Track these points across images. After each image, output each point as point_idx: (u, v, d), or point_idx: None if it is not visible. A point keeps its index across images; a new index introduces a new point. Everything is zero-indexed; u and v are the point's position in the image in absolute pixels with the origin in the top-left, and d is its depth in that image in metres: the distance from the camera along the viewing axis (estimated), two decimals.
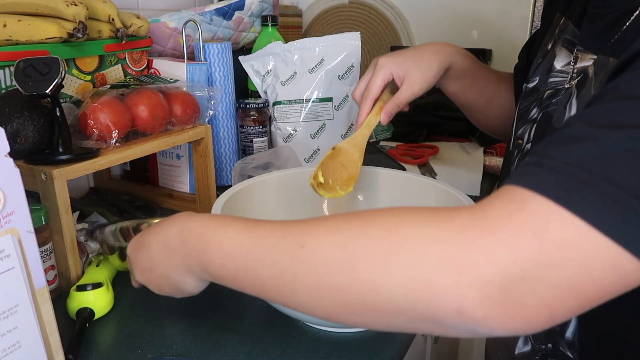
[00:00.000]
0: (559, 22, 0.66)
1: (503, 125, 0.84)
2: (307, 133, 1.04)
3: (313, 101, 1.03)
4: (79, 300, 0.63)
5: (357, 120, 0.70)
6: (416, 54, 0.72)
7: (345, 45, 1.03)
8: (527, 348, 0.64)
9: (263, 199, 0.74)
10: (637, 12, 0.50)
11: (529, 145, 0.61)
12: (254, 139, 1.04)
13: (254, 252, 0.41)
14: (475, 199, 0.97)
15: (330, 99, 1.03)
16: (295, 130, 1.04)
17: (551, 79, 0.60)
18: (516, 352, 0.64)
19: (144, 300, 0.68)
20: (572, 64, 0.58)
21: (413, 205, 0.71)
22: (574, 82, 0.56)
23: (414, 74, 0.70)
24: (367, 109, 0.70)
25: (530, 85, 0.64)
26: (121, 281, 0.70)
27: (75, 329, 0.59)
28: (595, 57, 0.54)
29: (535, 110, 0.62)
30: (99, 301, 0.63)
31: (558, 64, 0.60)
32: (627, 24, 0.51)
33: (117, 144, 0.73)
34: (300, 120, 1.04)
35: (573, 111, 0.53)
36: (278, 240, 0.40)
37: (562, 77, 0.58)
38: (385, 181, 0.77)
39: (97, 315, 0.63)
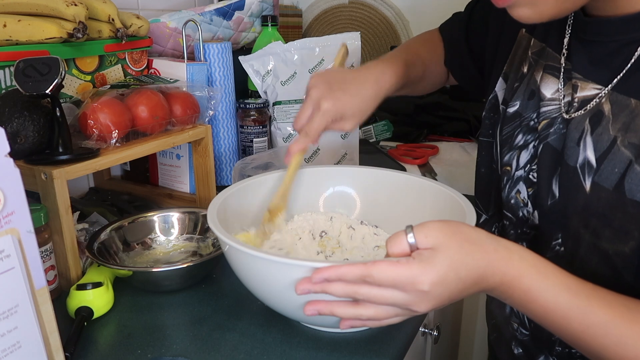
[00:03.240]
0: (527, 42, 0.64)
1: (431, 89, 0.89)
2: None
3: None
4: (78, 299, 0.63)
5: (291, 148, 0.70)
6: (356, 92, 0.70)
7: None
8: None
9: (258, 199, 0.73)
10: None
11: (519, 172, 0.61)
12: (254, 139, 1.04)
13: (575, 326, 0.46)
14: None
15: None
16: (295, 130, 1.04)
17: (543, 109, 0.58)
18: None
19: (144, 300, 0.68)
20: (561, 91, 0.57)
21: (408, 204, 0.72)
22: (575, 114, 0.54)
23: (350, 116, 0.69)
24: (304, 146, 0.70)
25: (511, 110, 0.63)
26: (121, 281, 0.70)
27: (73, 327, 0.59)
28: (599, 87, 0.53)
29: (521, 136, 0.61)
30: (98, 300, 0.63)
31: (547, 92, 0.59)
32: (636, 56, 0.50)
33: (117, 144, 0.73)
34: None
35: (589, 150, 0.52)
36: (612, 342, 0.45)
37: (555, 105, 0.57)
38: (382, 181, 0.77)
39: (96, 315, 0.63)
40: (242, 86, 1.12)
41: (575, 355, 0.59)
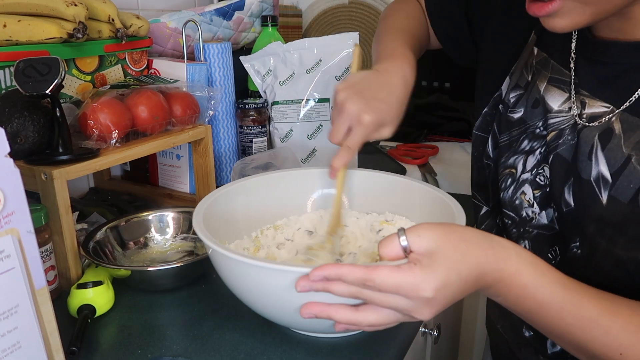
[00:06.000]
0: (532, 50, 0.66)
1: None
2: (303, 133, 1.04)
3: (310, 102, 1.03)
4: (80, 297, 0.63)
5: (335, 163, 0.69)
6: (390, 99, 0.68)
7: (344, 46, 1.03)
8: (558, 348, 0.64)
9: (249, 201, 0.73)
10: None
11: (525, 175, 0.63)
12: (254, 139, 1.04)
13: (567, 320, 0.47)
14: None
15: (327, 100, 1.03)
16: (291, 130, 1.04)
17: (551, 120, 0.60)
18: (549, 352, 0.65)
19: (144, 300, 0.68)
20: (571, 103, 0.59)
21: (397, 206, 0.72)
22: (583, 126, 0.56)
23: (389, 122, 0.68)
24: (347, 160, 0.68)
25: (515, 116, 0.65)
26: (120, 281, 0.70)
27: (78, 324, 0.59)
28: (606, 105, 0.55)
29: (527, 142, 0.63)
30: (99, 299, 0.64)
31: (553, 104, 0.60)
32: None
33: (117, 144, 0.73)
34: (297, 120, 1.04)
35: (602, 165, 0.54)
36: (600, 333, 0.47)
37: (562, 117, 0.59)
38: (371, 183, 0.76)
39: (98, 313, 0.63)
40: (242, 86, 1.12)
41: None
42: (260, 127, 1.04)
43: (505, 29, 0.71)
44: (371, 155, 1.18)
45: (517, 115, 0.65)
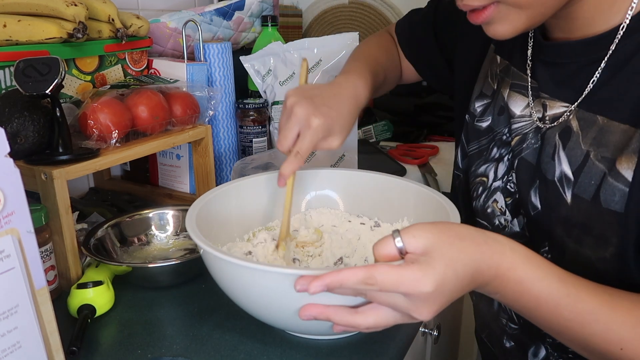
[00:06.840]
0: (494, 59, 0.67)
1: (387, 91, 0.87)
2: None
3: None
4: (80, 297, 0.63)
5: (283, 171, 0.66)
6: (340, 108, 0.67)
7: (344, 46, 1.03)
8: (542, 354, 0.64)
9: (243, 202, 0.73)
10: (604, 63, 0.52)
11: (497, 183, 0.63)
12: (254, 139, 1.04)
13: (566, 315, 0.47)
14: None
15: None
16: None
17: (515, 125, 0.61)
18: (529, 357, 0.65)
19: (144, 300, 0.68)
20: (532, 107, 0.60)
21: (391, 206, 0.72)
22: (546, 128, 0.57)
23: (338, 132, 0.66)
24: (297, 167, 0.66)
25: (484, 124, 0.66)
26: (121, 281, 0.70)
27: (78, 324, 0.59)
28: (566, 104, 0.56)
29: (496, 150, 0.64)
30: (99, 299, 0.64)
31: (516, 110, 0.61)
32: (597, 76, 0.53)
33: (117, 144, 0.73)
34: None
35: (564, 164, 0.55)
36: (600, 328, 0.46)
37: (525, 121, 0.60)
38: (364, 184, 0.76)
39: (98, 313, 0.63)
40: (242, 86, 1.12)
41: None
42: (260, 127, 1.04)
43: (468, 44, 0.72)
44: (371, 155, 1.17)
45: (485, 124, 0.66)
